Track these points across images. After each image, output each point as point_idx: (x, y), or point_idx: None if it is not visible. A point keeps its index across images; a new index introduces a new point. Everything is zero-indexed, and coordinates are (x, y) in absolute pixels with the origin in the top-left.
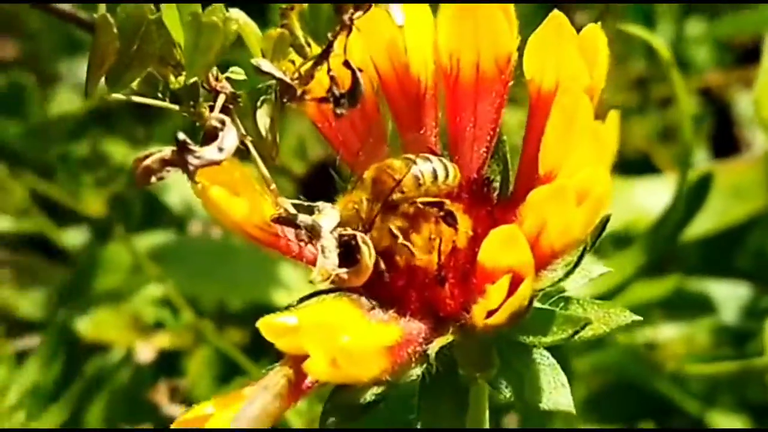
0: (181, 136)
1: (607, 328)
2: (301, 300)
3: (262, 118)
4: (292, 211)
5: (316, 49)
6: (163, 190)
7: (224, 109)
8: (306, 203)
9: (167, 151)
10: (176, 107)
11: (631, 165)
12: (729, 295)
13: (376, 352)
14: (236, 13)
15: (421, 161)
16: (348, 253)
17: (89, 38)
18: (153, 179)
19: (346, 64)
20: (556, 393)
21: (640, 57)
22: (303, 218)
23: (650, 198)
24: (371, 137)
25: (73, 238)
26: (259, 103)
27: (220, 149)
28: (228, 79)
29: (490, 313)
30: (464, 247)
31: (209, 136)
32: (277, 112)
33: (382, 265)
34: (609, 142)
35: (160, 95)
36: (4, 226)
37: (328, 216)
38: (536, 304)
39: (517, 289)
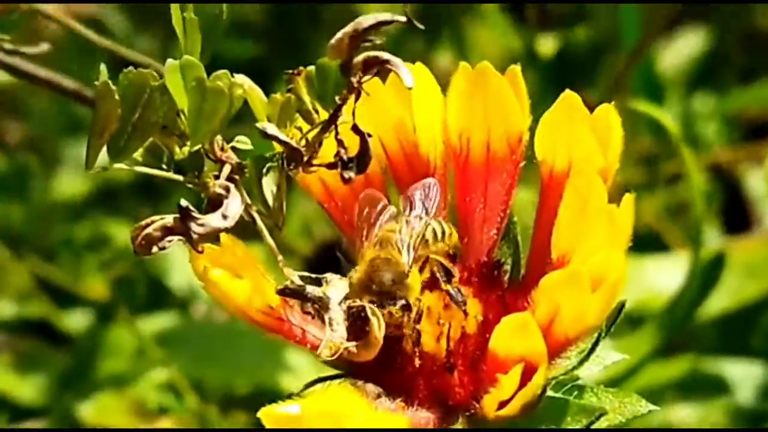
0: (184, 202)
1: (622, 418)
2: (306, 386)
3: (268, 186)
4: (299, 283)
5: (324, 116)
6: (166, 271)
7: (230, 180)
8: (314, 276)
9: (169, 218)
10: (180, 178)
11: (641, 242)
12: (744, 376)
13: None
14: (241, 78)
15: (414, 221)
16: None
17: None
18: (154, 249)
19: (355, 128)
20: None
21: (647, 133)
22: (311, 290)
23: (662, 277)
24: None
25: (76, 322)
26: (264, 171)
27: (224, 216)
28: (233, 149)
29: (502, 404)
30: (474, 333)
31: (213, 203)
32: (283, 179)
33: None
34: (624, 225)
35: (164, 167)
36: (6, 310)
37: (336, 288)
38: (549, 392)
39: (530, 378)
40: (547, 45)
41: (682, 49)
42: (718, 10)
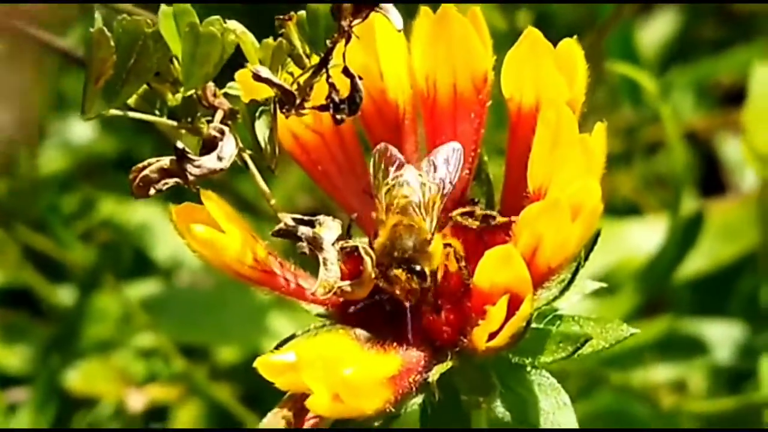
0: (180, 144)
1: (606, 344)
2: (292, 336)
3: (261, 129)
4: (292, 224)
5: (315, 60)
6: (150, 242)
7: (222, 124)
8: (306, 218)
9: (166, 160)
10: (174, 123)
11: (619, 212)
12: (722, 336)
13: (378, 383)
14: (234, 24)
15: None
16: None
17: (76, 95)
18: (152, 191)
19: (345, 71)
20: (559, 413)
21: (626, 105)
22: (304, 230)
23: (640, 239)
24: (355, 173)
25: (63, 294)
26: (257, 115)
27: (220, 158)
28: (226, 94)
29: (491, 336)
30: (455, 271)
31: (208, 145)
32: (275, 123)
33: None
34: (597, 153)
35: (157, 113)
36: None
37: (329, 228)
38: (532, 324)
39: (516, 309)
40: (527, 22)
41: (656, 29)
42: None
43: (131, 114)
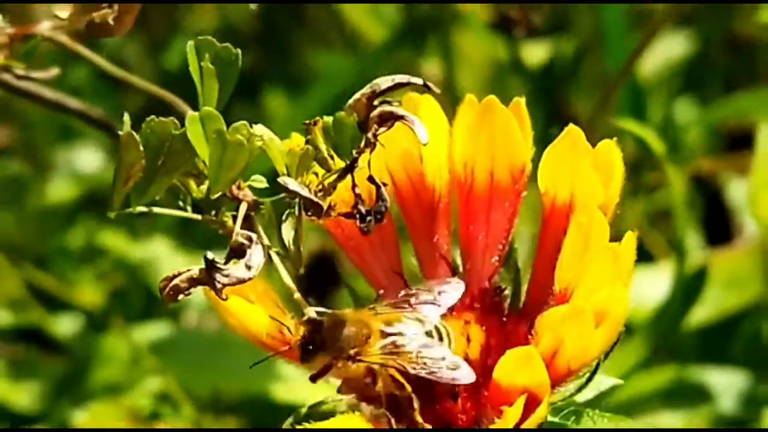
0: (210, 255)
1: None
2: (311, 407)
3: (287, 231)
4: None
5: (339, 162)
6: (157, 281)
7: (246, 218)
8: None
9: (195, 270)
10: (199, 217)
11: None
12: (726, 384)
13: None
14: (260, 129)
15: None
16: None
17: (84, 127)
18: (180, 296)
19: (371, 179)
20: None
21: (630, 142)
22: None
23: (646, 288)
24: (387, 251)
25: (68, 329)
26: (284, 218)
27: (248, 267)
28: (250, 187)
29: None
30: (476, 359)
31: (235, 250)
32: (301, 225)
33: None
34: (626, 262)
35: (181, 203)
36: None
37: None
38: (548, 417)
39: (532, 406)
40: (532, 54)
41: (664, 53)
42: (700, 14)
43: (156, 210)
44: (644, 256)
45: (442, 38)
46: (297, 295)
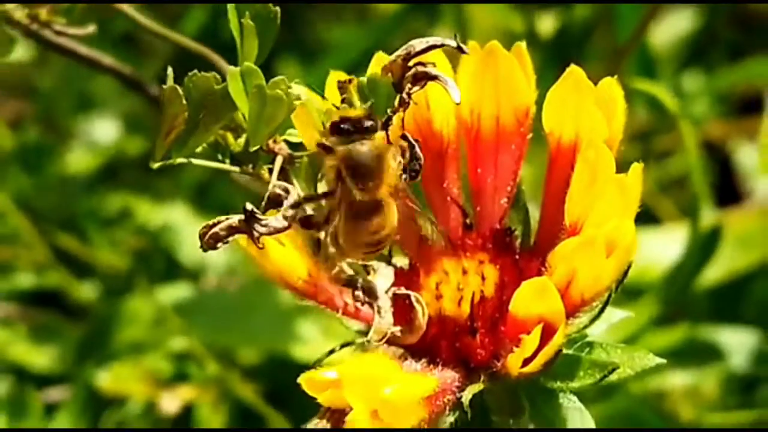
0: (249, 206)
1: (632, 372)
2: (331, 352)
3: (322, 186)
4: (350, 272)
5: None
6: (177, 245)
7: (282, 170)
8: (360, 263)
9: (234, 219)
10: (237, 169)
11: (637, 219)
12: (737, 343)
13: (415, 402)
14: (298, 88)
15: None
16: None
17: (101, 96)
18: (219, 245)
19: (404, 137)
20: None
21: (641, 108)
22: (361, 279)
23: (658, 249)
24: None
25: (91, 293)
26: (319, 177)
27: (284, 217)
28: (286, 141)
29: (525, 362)
30: (492, 296)
31: (272, 201)
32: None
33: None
34: (633, 193)
35: (220, 157)
36: (22, 281)
37: (382, 276)
38: (563, 350)
39: (549, 336)
40: (544, 23)
41: (672, 27)
42: None
43: (195, 161)
44: (655, 222)
45: (454, 8)
46: (330, 249)
